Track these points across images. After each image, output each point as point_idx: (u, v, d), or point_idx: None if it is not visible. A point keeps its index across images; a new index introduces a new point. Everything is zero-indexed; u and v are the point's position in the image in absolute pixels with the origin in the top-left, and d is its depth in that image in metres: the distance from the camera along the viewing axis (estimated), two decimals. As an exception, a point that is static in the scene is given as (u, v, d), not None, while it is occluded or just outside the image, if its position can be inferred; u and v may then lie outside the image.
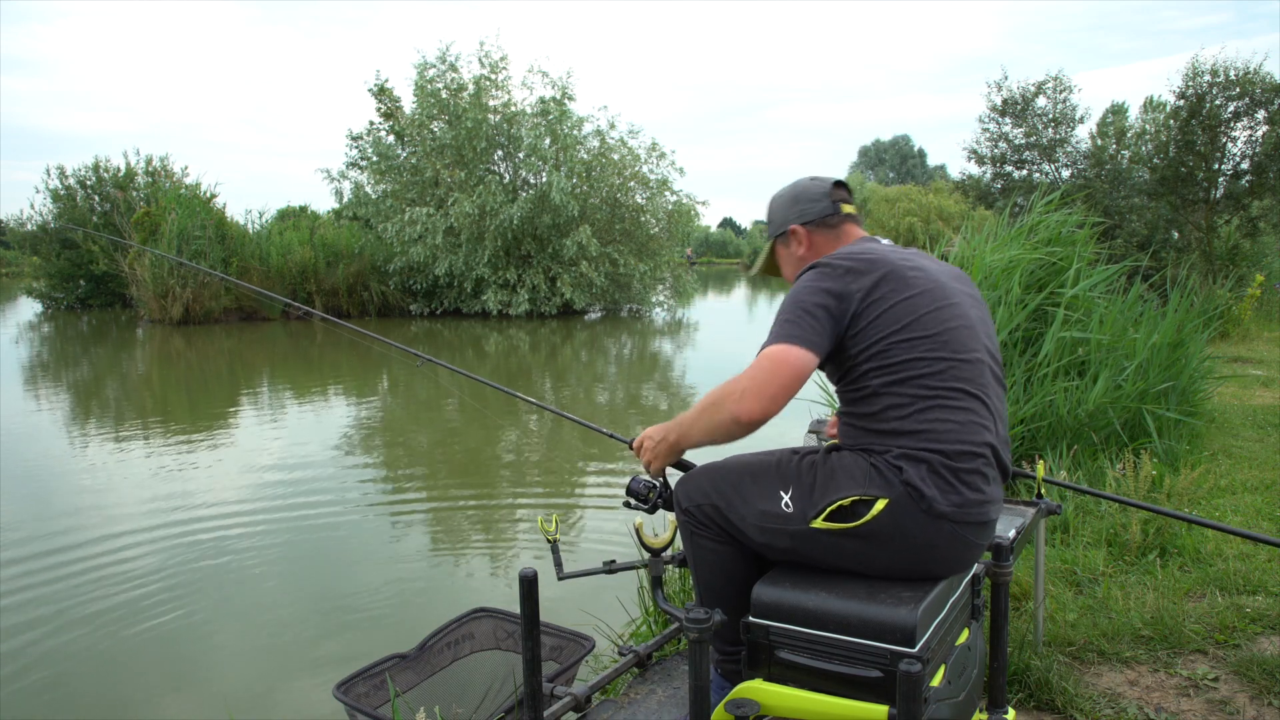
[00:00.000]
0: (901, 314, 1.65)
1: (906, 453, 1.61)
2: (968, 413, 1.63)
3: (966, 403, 1.63)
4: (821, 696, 1.56)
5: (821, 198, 1.92)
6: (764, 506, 1.71)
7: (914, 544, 1.60)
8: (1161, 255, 12.74)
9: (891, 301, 1.66)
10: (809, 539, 1.67)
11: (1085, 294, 5.10)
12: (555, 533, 2.01)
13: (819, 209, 1.91)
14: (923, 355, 1.63)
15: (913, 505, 1.58)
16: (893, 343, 1.64)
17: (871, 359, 1.66)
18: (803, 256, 1.93)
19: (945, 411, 1.61)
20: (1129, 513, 3.57)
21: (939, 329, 1.66)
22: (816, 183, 1.95)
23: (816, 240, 1.93)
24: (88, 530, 5.01)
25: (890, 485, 1.60)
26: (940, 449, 1.60)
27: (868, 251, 1.74)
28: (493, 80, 19.31)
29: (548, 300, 18.98)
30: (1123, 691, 2.47)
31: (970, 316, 1.73)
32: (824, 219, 1.91)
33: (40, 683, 3.34)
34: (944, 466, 1.59)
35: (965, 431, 1.62)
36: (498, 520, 5.33)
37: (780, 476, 1.72)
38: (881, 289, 1.67)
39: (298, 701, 3.18)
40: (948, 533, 1.60)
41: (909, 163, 74.64)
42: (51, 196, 21.60)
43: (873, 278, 1.67)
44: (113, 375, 12.15)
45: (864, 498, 1.60)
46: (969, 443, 1.61)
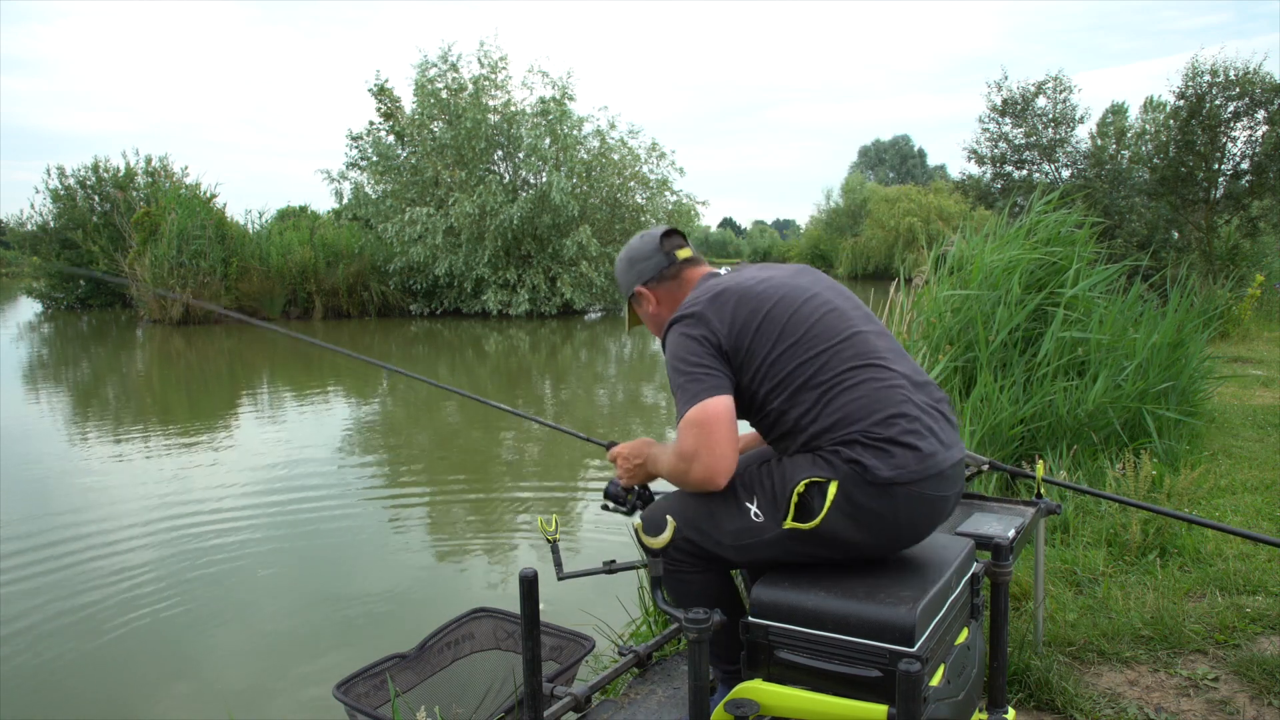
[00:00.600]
0: (768, 330, 1.72)
1: (837, 440, 1.65)
2: (869, 384, 1.67)
3: (863, 376, 1.68)
4: (821, 696, 1.56)
5: (654, 254, 1.98)
6: (735, 525, 1.73)
7: (878, 519, 1.63)
8: (1161, 255, 12.74)
9: (754, 323, 1.72)
10: (786, 542, 1.69)
11: (1085, 294, 5.10)
12: (555, 533, 2.01)
13: (654, 265, 1.98)
14: (804, 357, 1.70)
15: (860, 479, 1.62)
16: (773, 359, 1.71)
17: (763, 382, 1.72)
18: (655, 313, 2.00)
19: (848, 393, 1.66)
20: (1129, 513, 3.56)
21: (806, 327, 1.72)
22: (646, 240, 2.01)
23: (661, 294, 1.99)
24: (87, 530, 5.01)
25: (835, 467, 1.64)
26: (861, 426, 1.64)
27: (712, 288, 1.80)
28: (492, 80, 19.32)
29: (548, 300, 18.99)
30: (1123, 691, 2.47)
31: (830, 301, 1.80)
32: (661, 273, 1.98)
33: (40, 682, 3.34)
34: (873, 439, 1.63)
35: (875, 401, 1.66)
36: (498, 520, 5.33)
37: (743, 489, 1.74)
38: (739, 316, 1.73)
39: (298, 701, 3.18)
40: (904, 496, 1.63)
41: (909, 163, 74.62)
42: (51, 196, 21.62)
43: (728, 310, 1.74)
44: (113, 375, 12.15)
45: (815, 479, 1.64)
46: (884, 408, 1.65)
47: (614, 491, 2.04)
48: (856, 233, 43.10)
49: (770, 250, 60.87)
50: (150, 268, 17.43)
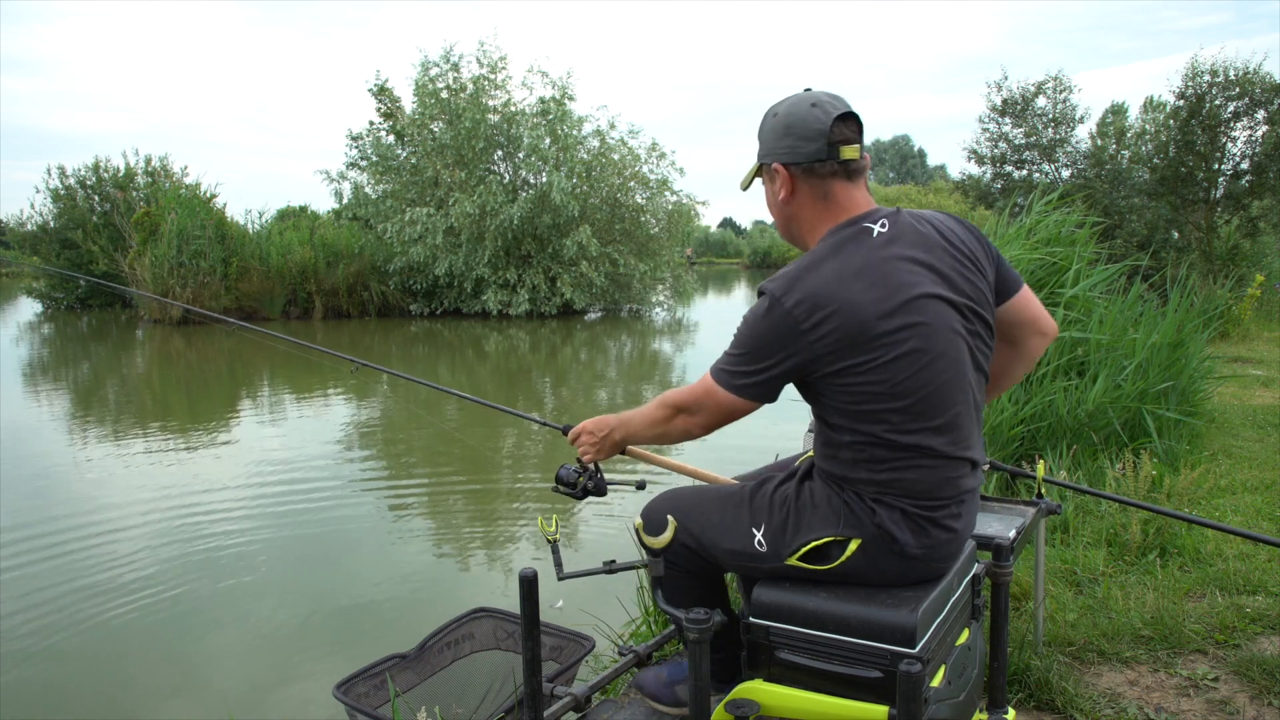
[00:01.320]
0: (871, 380, 1.50)
1: (879, 497, 1.58)
2: (942, 469, 1.57)
3: (937, 461, 1.56)
4: (821, 697, 1.56)
5: (818, 137, 1.58)
6: (735, 546, 1.70)
7: (886, 577, 1.61)
8: (1161, 255, 12.74)
9: (862, 367, 1.50)
10: (784, 574, 1.67)
11: (1085, 294, 5.10)
12: (555, 533, 2.01)
13: (811, 151, 1.59)
14: (895, 426, 1.53)
15: (885, 547, 1.58)
16: (863, 410, 1.53)
17: (840, 415, 1.56)
18: (785, 201, 1.66)
19: (919, 471, 1.55)
20: (1129, 513, 3.56)
21: (917, 394, 1.52)
22: (817, 113, 1.59)
23: (800, 189, 1.64)
24: (87, 530, 5.01)
25: (863, 526, 1.58)
26: (913, 498, 1.57)
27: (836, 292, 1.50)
28: (492, 80, 19.31)
29: (548, 300, 18.98)
30: (1123, 691, 2.47)
31: (959, 359, 1.56)
32: (814, 165, 1.60)
33: (39, 682, 3.34)
34: (917, 515, 1.57)
35: (939, 486, 1.58)
36: (498, 520, 5.33)
37: (752, 513, 1.69)
38: (845, 352, 1.50)
39: (297, 701, 3.18)
40: (920, 568, 1.61)
41: (909, 163, 74.63)
42: (51, 196, 21.60)
43: (835, 339, 1.49)
44: (112, 375, 12.15)
45: (837, 539, 1.59)
46: (940, 494, 1.59)
47: (565, 475, 2.03)
48: (856, 233, 43.04)
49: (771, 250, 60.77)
50: (150, 268, 17.42)
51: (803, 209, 1.65)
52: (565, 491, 2.04)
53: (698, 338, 16.76)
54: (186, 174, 21.49)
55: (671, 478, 2.64)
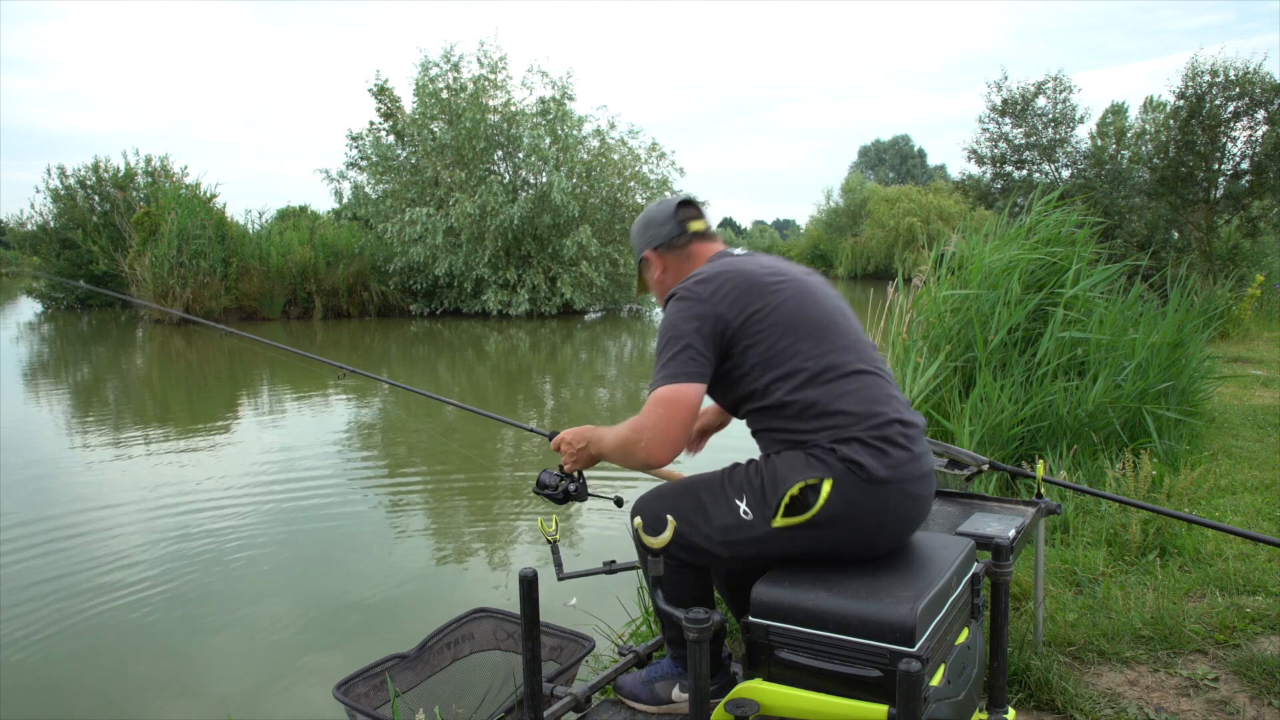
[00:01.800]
0: (778, 320, 1.75)
1: (836, 436, 1.69)
2: (868, 388, 1.74)
3: (862, 380, 1.74)
4: (821, 696, 1.56)
5: (667, 220, 1.99)
6: (724, 521, 1.76)
7: (869, 514, 1.68)
8: (1161, 255, 12.75)
9: (764, 312, 1.75)
10: (774, 540, 1.72)
11: (1085, 294, 5.10)
12: (555, 533, 2.02)
13: (666, 232, 1.99)
14: (811, 352, 1.74)
15: (855, 479, 1.66)
16: (781, 348, 1.74)
17: (768, 368, 1.74)
18: (660, 279, 2.02)
19: (849, 394, 1.72)
20: (1129, 513, 3.56)
21: (820, 325, 1.77)
22: (663, 205, 2.02)
23: (669, 262, 2.01)
24: (86, 530, 5.01)
25: (830, 466, 1.68)
26: (863, 426, 1.69)
27: (723, 269, 1.81)
28: (492, 80, 19.31)
29: (548, 300, 18.98)
30: (1123, 691, 2.47)
31: (839, 307, 1.86)
32: (671, 241, 1.99)
33: (38, 682, 3.34)
34: (870, 437, 1.68)
35: (873, 403, 1.72)
36: (498, 520, 5.33)
37: (733, 487, 1.77)
38: (749, 303, 1.76)
39: (297, 701, 3.18)
40: (894, 494, 1.68)
41: (909, 163, 74.62)
42: (51, 196, 21.61)
43: (735, 293, 1.77)
44: (112, 375, 12.15)
45: (810, 482, 1.67)
46: (880, 412, 1.72)
47: (546, 479, 2.08)
48: (856, 233, 43.11)
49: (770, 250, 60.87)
50: (150, 268, 17.43)
51: (678, 277, 1.97)
52: (546, 494, 2.08)
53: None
54: (186, 174, 21.53)
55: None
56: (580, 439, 1.99)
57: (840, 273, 42.02)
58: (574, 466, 2.02)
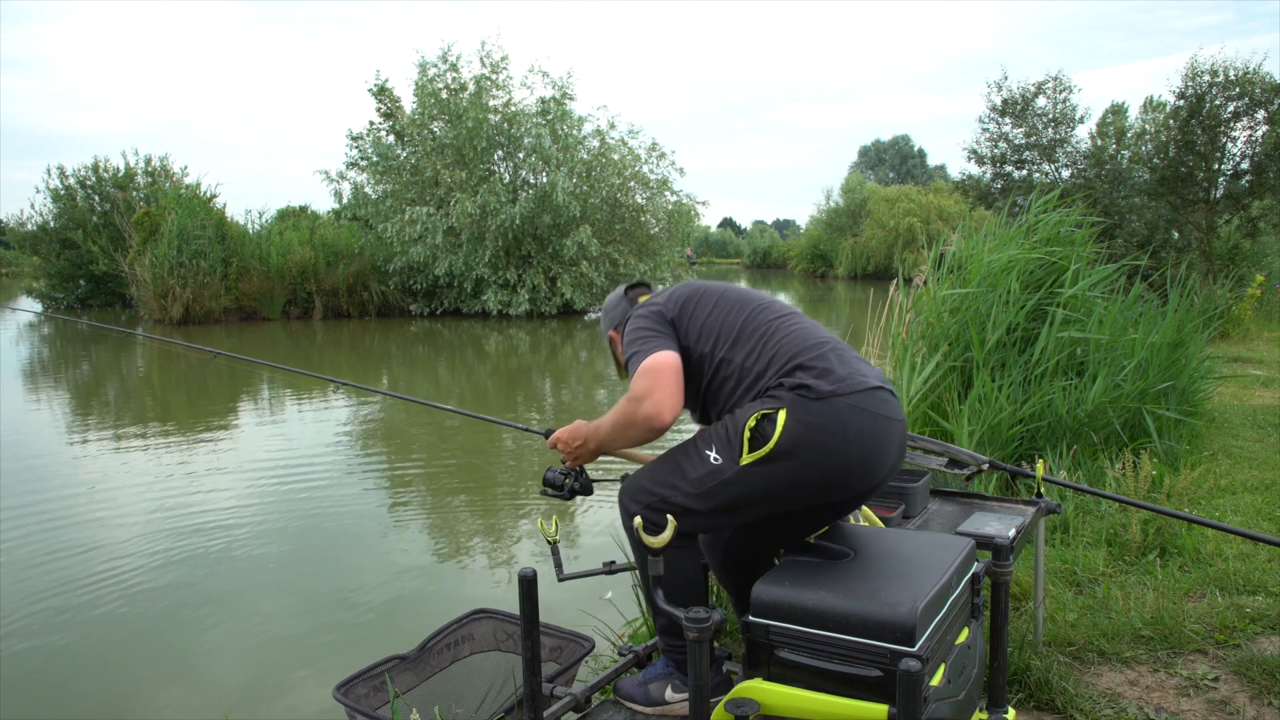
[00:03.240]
0: (709, 300, 1.99)
1: (780, 371, 1.82)
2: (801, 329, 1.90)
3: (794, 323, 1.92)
4: (821, 696, 1.56)
5: (619, 302, 2.21)
6: (697, 472, 1.84)
7: (828, 431, 1.73)
8: (1161, 255, 12.74)
9: (697, 298, 2.01)
10: (745, 479, 1.77)
11: (1084, 293, 5.10)
12: (555, 534, 2.02)
13: (620, 312, 2.18)
14: (745, 319, 1.93)
15: (806, 401, 1.75)
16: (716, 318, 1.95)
17: (708, 339, 1.93)
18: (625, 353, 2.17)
19: (785, 336, 1.88)
20: (1129, 513, 3.56)
21: (744, 298, 2.00)
22: (615, 292, 2.25)
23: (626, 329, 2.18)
24: (85, 529, 5.01)
25: (780, 397, 1.78)
26: (800, 357, 1.82)
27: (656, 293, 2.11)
28: (493, 80, 19.31)
29: (548, 300, 18.99)
30: (1123, 691, 2.47)
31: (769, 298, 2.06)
32: (626, 319, 2.13)
33: (36, 682, 3.34)
34: (808, 364, 1.80)
35: (808, 336, 1.88)
36: (498, 520, 5.33)
37: (703, 441, 1.87)
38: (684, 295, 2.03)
39: (297, 702, 3.18)
40: (847, 409, 1.75)
41: (909, 163, 74.61)
42: (51, 197, 21.61)
43: (677, 299, 2.02)
44: (112, 375, 12.15)
45: (765, 411, 1.76)
46: (815, 343, 1.85)
47: (551, 478, 2.13)
48: (856, 233, 43.11)
49: (770, 250, 60.79)
50: (150, 268, 17.43)
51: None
52: (553, 494, 2.12)
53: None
54: (186, 174, 21.54)
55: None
56: (575, 436, 2.06)
57: (840, 272, 42.03)
58: (574, 463, 2.08)
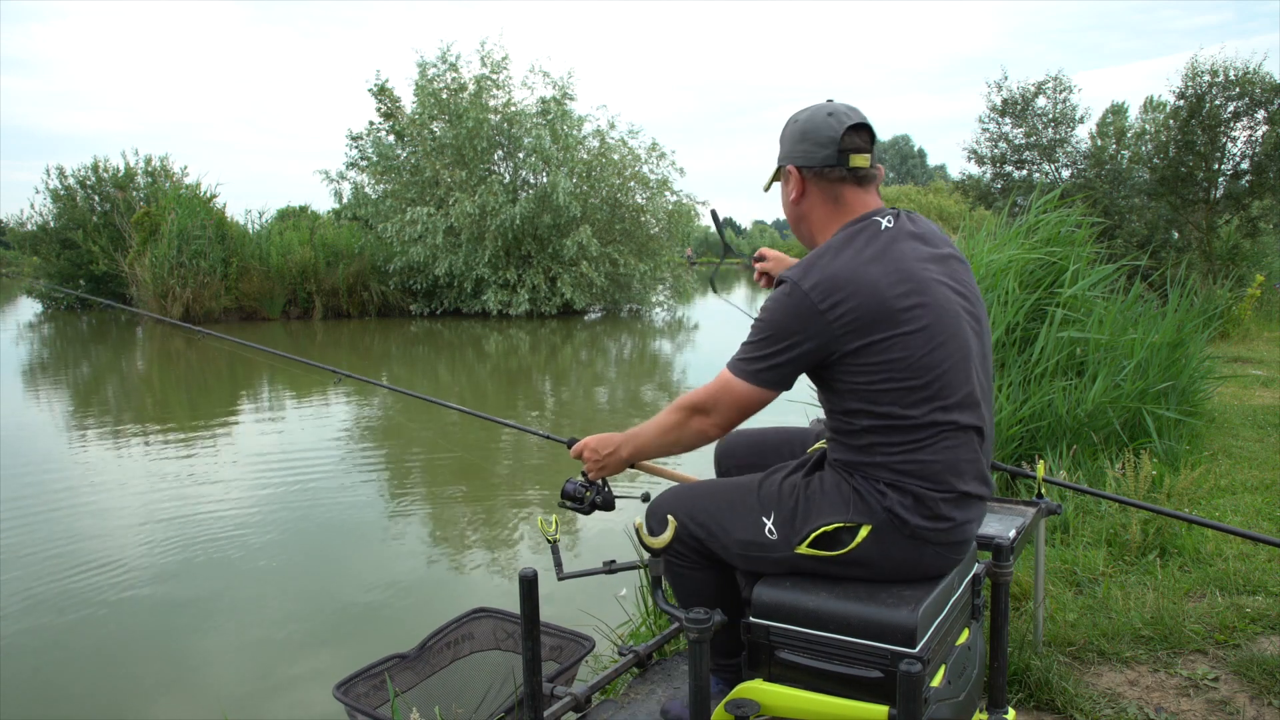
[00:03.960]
0: (893, 356, 1.56)
1: (891, 480, 1.60)
2: (956, 450, 1.61)
3: (956, 440, 1.60)
4: (822, 697, 1.56)
5: (829, 144, 1.68)
6: (746, 537, 1.69)
7: (901, 563, 1.63)
8: (1161, 255, 12.74)
9: (881, 346, 1.56)
10: (792, 562, 1.67)
11: (1084, 293, 5.10)
12: (555, 533, 2.01)
13: (822, 157, 1.68)
14: (913, 403, 1.57)
15: (895, 531, 1.60)
16: (880, 390, 1.58)
17: (857, 399, 1.60)
18: (795, 202, 1.76)
19: (934, 452, 1.59)
20: (1129, 513, 3.56)
21: (932, 373, 1.57)
22: (831, 122, 1.69)
23: (811, 192, 1.73)
24: (85, 529, 5.01)
25: (873, 512, 1.60)
26: (927, 484, 1.60)
27: (852, 278, 1.57)
28: (493, 80, 19.31)
29: (548, 300, 18.98)
30: (1123, 691, 2.47)
31: (968, 343, 1.64)
32: (824, 170, 1.69)
33: (35, 681, 3.34)
34: (929, 498, 1.60)
35: (954, 468, 1.61)
36: (498, 520, 5.33)
37: (761, 502, 1.70)
38: (868, 333, 1.55)
39: (297, 701, 3.18)
40: (931, 551, 1.63)
41: (909, 163, 74.60)
42: (51, 197, 21.60)
43: (855, 318, 1.55)
44: (112, 375, 12.15)
45: (847, 524, 1.61)
46: (959, 477, 1.62)
47: (572, 490, 2.02)
48: (856, 233, 43.04)
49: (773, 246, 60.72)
50: (150, 268, 17.42)
51: (813, 209, 1.75)
52: (572, 507, 2.02)
53: (698, 338, 16.77)
54: (186, 174, 21.52)
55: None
56: (607, 444, 1.90)
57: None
58: (599, 474, 1.94)
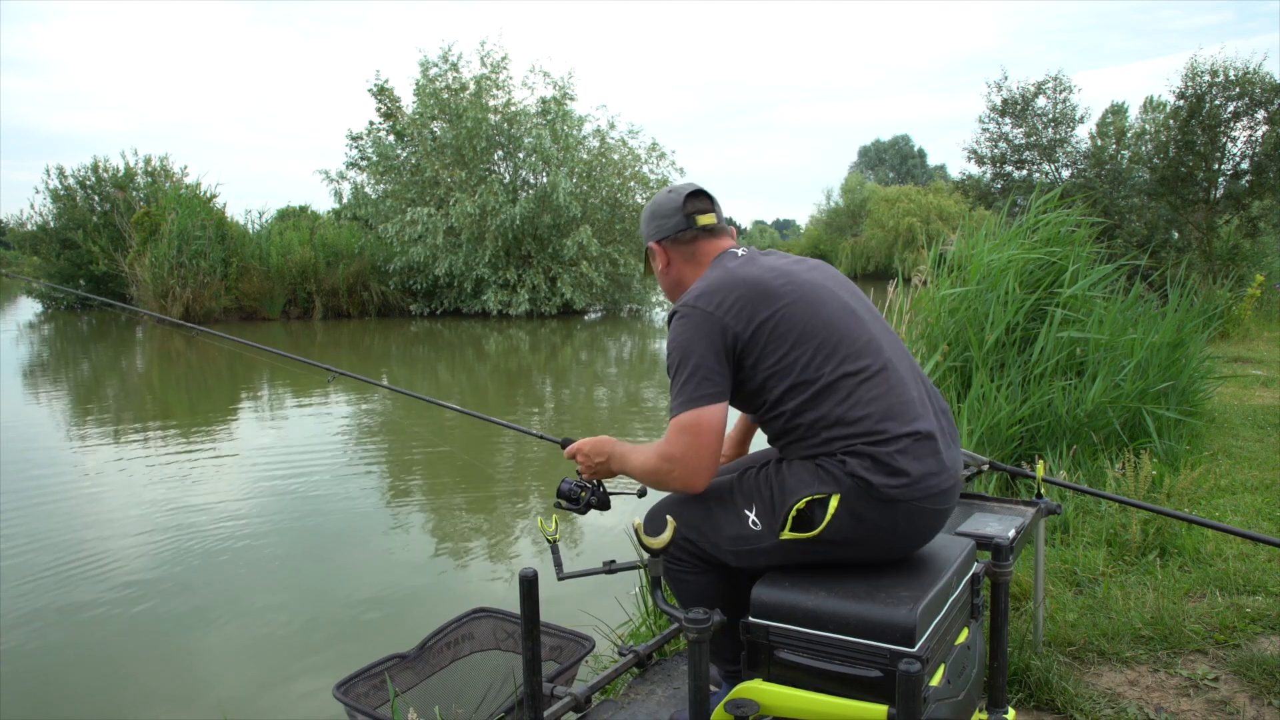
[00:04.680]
0: (786, 328, 1.68)
1: (846, 448, 1.64)
2: (886, 396, 1.66)
3: (879, 384, 1.66)
4: (821, 696, 1.56)
5: (674, 213, 1.89)
6: (733, 531, 1.74)
7: (879, 530, 1.64)
8: (1161, 255, 12.74)
9: (770, 322, 1.68)
10: (782, 551, 1.70)
11: (1084, 293, 5.10)
12: (555, 533, 2.01)
13: (672, 225, 1.90)
14: (823, 358, 1.67)
15: (864, 495, 1.62)
16: (791, 359, 1.67)
17: (778, 379, 1.68)
18: (665, 272, 1.96)
19: (864, 401, 1.65)
20: (1129, 513, 3.56)
21: (826, 328, 1.69)
22: (672, 196, 1.92)
23: (674, 257, 1.93)
24: (85, 529, 5.01)
25: (839, 480, 1.63)
26: (874, 436, 1.63)
27: (726, 279, 1.74)
28: (493, 80, 19.32)
29: (548, 300, 18.99)
30: (1123, 691, 2.47)
31: (847, 302, 1.77)
32: (677, 235, 1.90)
33: (34, 683, 3.34)
34: (883, 453, 1.62)
35: (891, 411, 1.65)
36: (498, 520, 5.33)
37: (742, 496, 1.75)
38: (755, 313, 1.69)
39: (297, 701, 3.18)
40: (904, 511, 1.64)
41: (909, 163, 74.58)
42: (51, 197, 21.61)
43: (741, 303, 1.69)
44: (112, 375, 12.15)
45: (817, 496, 1.64)
46: (897, 420, 1.65)
47: (567, 490, 2.02)
48: (856, 233, 43.11)
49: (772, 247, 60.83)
50: (150, 268, 17.43)
51: (681, 271, 1.93)
52: (568, 507, 2.03)
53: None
54: (186, 174, 21.53)
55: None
56: (599, 452, 1.94)
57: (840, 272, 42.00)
58: (592, 476, 1.99)
